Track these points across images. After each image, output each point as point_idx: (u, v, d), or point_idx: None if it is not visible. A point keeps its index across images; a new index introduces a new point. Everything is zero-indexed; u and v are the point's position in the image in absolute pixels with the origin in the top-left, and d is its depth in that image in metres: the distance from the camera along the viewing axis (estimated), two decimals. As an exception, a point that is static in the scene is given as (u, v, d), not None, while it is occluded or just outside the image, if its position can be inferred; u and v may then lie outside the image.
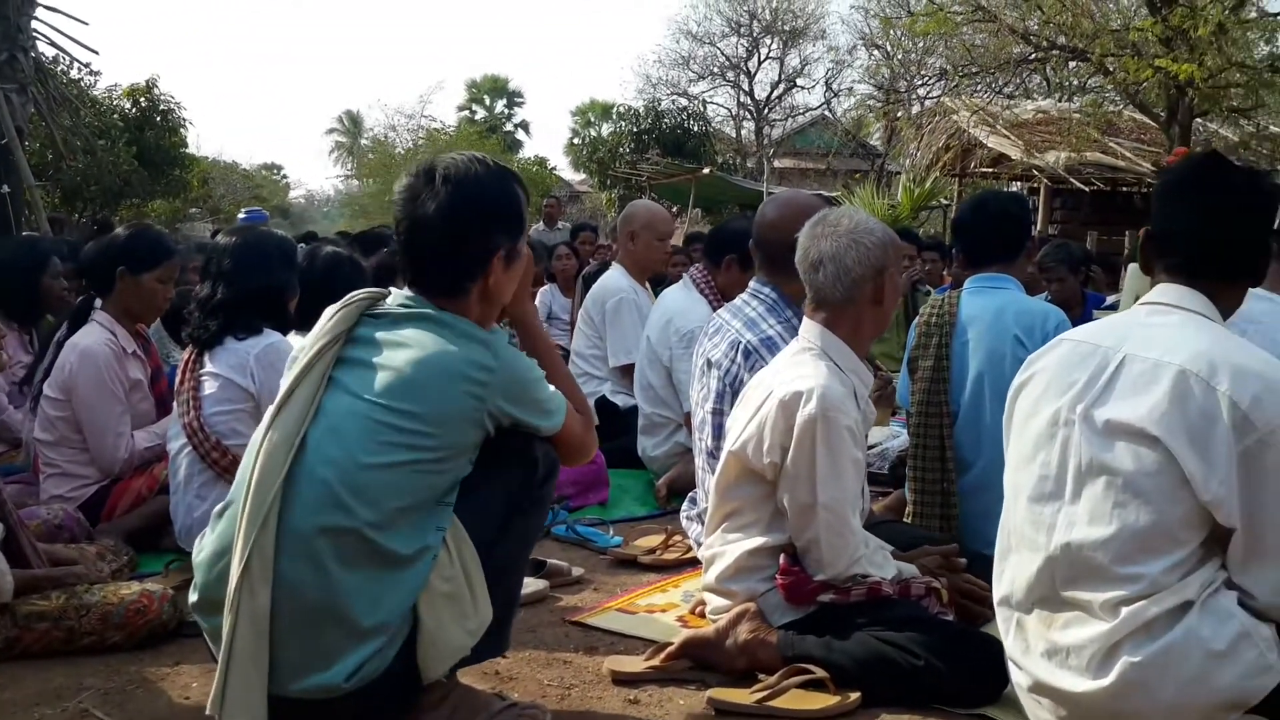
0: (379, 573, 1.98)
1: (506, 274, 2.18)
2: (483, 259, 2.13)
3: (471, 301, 2.15)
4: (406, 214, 2.14)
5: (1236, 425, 1.86)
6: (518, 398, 2.09)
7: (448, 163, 2.16)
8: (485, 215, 2.14)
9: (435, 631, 2.02)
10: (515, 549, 2.20)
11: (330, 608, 1.97)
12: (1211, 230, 2.05)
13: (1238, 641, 1.89)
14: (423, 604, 2.01)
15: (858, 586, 2.52)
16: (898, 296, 2.65)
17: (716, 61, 29.47)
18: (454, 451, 2.04)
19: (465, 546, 2.05)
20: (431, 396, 2.01)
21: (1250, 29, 14.09)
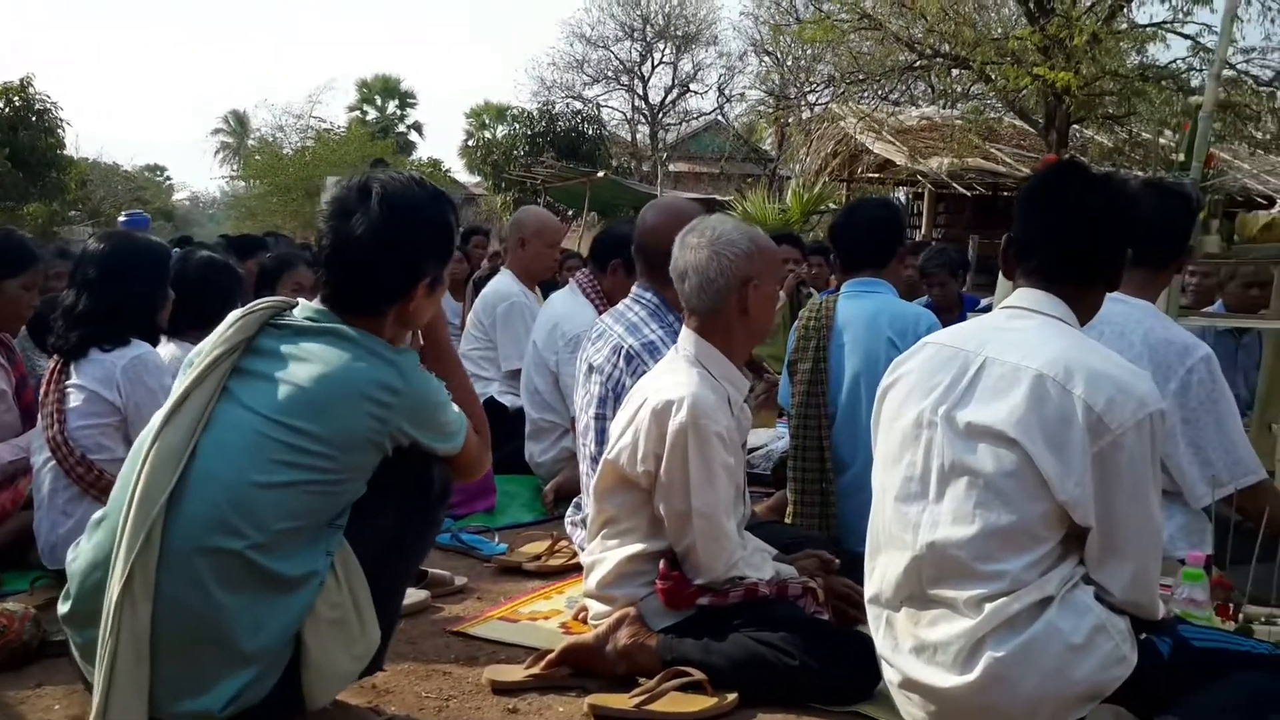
0: (262, 596, 1.91)
1: (428, 300, 2.12)
2: (407, 285, 2.07)
3: (386, 322, 2.08)
4: (333, 230, 2.05)
5: (1091, 428, 1.93)
6: (422, 421, 2.04)
7: (385, 181, 2.07)
8: (417, 242, 2.07)
9: (321, 660, 1.96)
10: (403, 570, 2.17)
11: (210, 630, 1.90)
12: (1069, 237, 2.12)
13: (1094, 635, 1.96)
14: (308, 631, 1.94)
15: (735, 588, 2.55)
16: (770, 306, 2.66)
17: (610, 65, 29.53)
18: (351, 474, 1.98)
19: (354, 572, 1.99)
20: (332, 416, 1.94)
21: (1122, 39, 14.65)
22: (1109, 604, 2.01)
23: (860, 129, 16.80)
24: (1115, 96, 14.30)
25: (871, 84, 16.23)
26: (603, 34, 29.21)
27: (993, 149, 16.38)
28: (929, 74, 16.48)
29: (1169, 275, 3.09)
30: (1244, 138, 16.08)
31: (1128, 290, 2.94)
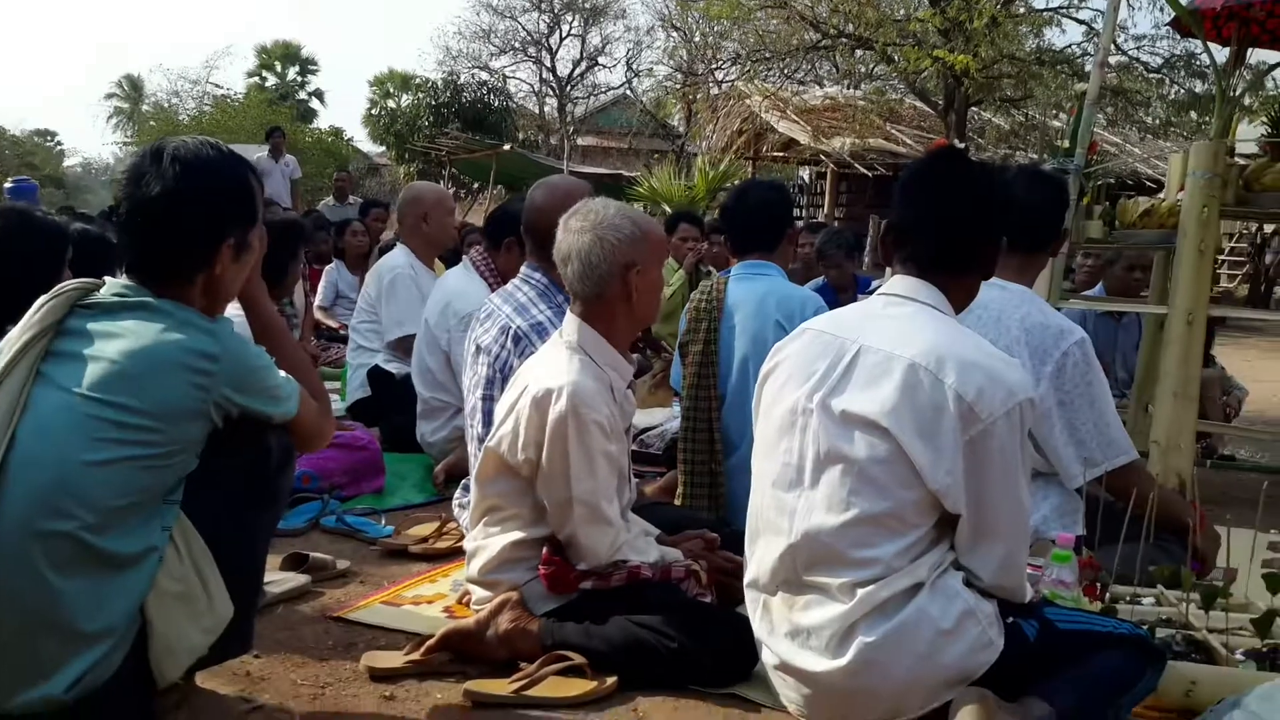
0: (100, 576, 1.86)
1: (235, 265, 2.07)
2: (208, 248, 2.02)
3: (195, 292, 2.03)
4: (128, 195, 2.01)
5: (962, 416, 1.95)
6: (245, 386, 1.99)
7: (177, 144, 2.03)
8: (214, 201, 2.02)
9: (167, 633, 1.92)
10: (252, 543, 2.10)
11: (46, 616, 1.84)
12: (944, 225, 2.14)
13: (963, 619, 1.99)
14: (152, 605, 1.90)
15: (618, 572, 2.54)
16: (654, 291, 2.63)
17: (518, 36, 29.22)
18: (178, 446, 1.93)
19: (195, 543, 1.95)
20: (150, 389, 1.89)
21: (1020, 23, 14.99)
22: (978, 589, 2.04)
23: (765, 108, 16.93)
24: (1012, 80, 14.65)
25: (777, 62, 16.35)
26: (510, 4, 28.91)
27: (894, 130, 16.66)
28: (833, 54, 16.68)
29: (1044, 260, 3.16)
30: (1135, 122, 16.62)
31: (1004, 275, 3.00)
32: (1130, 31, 18.06)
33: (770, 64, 16.48)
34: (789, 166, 21.47)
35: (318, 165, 22.77)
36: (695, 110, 20.44)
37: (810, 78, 20.41)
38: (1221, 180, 4.11)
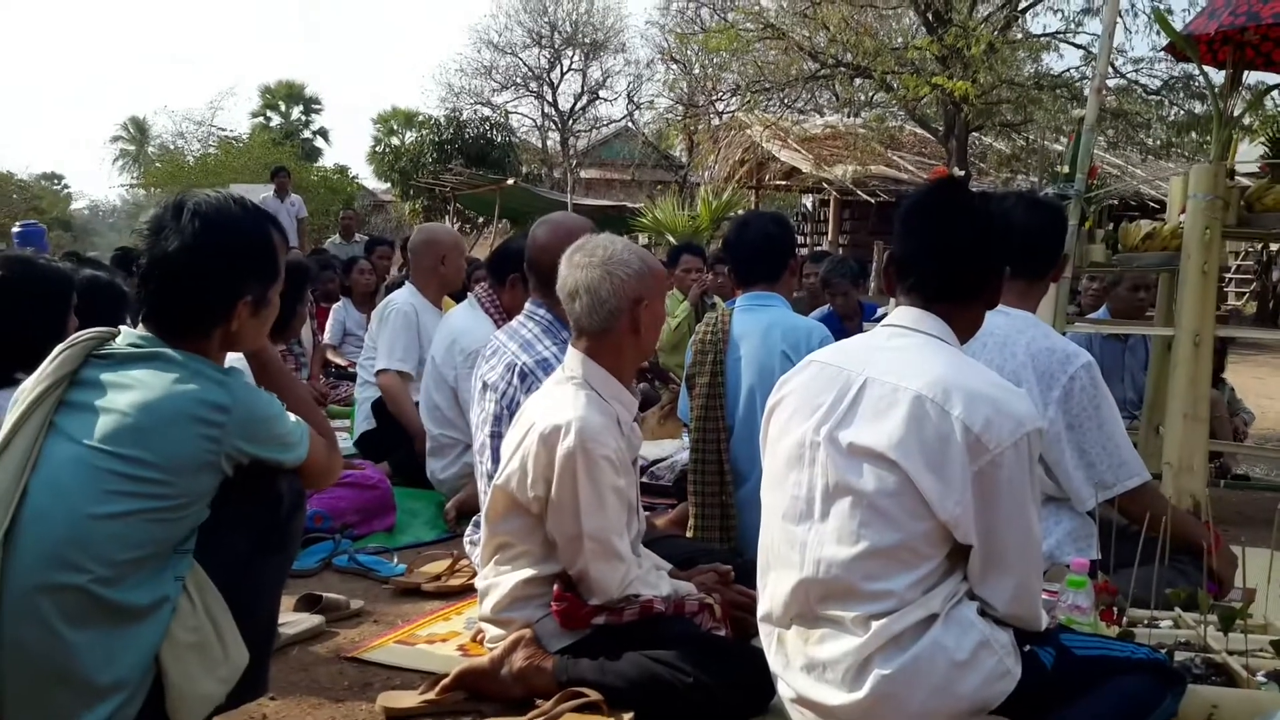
0: (112, 628, 1.86)
1: (254, 320, 2.09)
2: (226, 304, 2.03)
3: (212, 346, 2.05)
4: (148, 248, 2.03)
5: (970, 447, 1.95)
6: (256, 436, 2.00)
7: (199, 198, 2.05)
8: (234, 257, 2.04)
9: (183, 684, 1.92)
10: (266, 588, 2.11)
11: (60, 669, 1.84)
12: (946, 256, 2.14)
13: (978, 650, 1.98)
14: (167, 656, 1.90)
15: (630, 607, 2.53)
16: (657, 326, 2.65)
17: (519, 72, 29.43)
18: (190, 498, 1.93)
19: (209, 593, 1.95)
20: (162, 441, 1.90)
21: (1018, 49, 15.08)
22: (993, 618, 2.04)
23: (766, 137, 17.02)
24: (1011, 104, 14.70)
25: (777, 93, 16.45)
26: (511, 40, 29.15)
27: (895, 156, 16.73)
28: (832, 83, 16.77)
29: (1046, 285, 3.17)
30: (1136, 144, 16.67)
31: (1007, 301, 3.01)
32: (1129, 54, 18.18)
33: (770, 94, 16.58)
34: (792, 195, 21.54)
35: (323, 203, 22.91)
36: (697, 141, 20.55)
37: (810, 107, 20.51)
38: (1223, 202, 4.13)
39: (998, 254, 2.18)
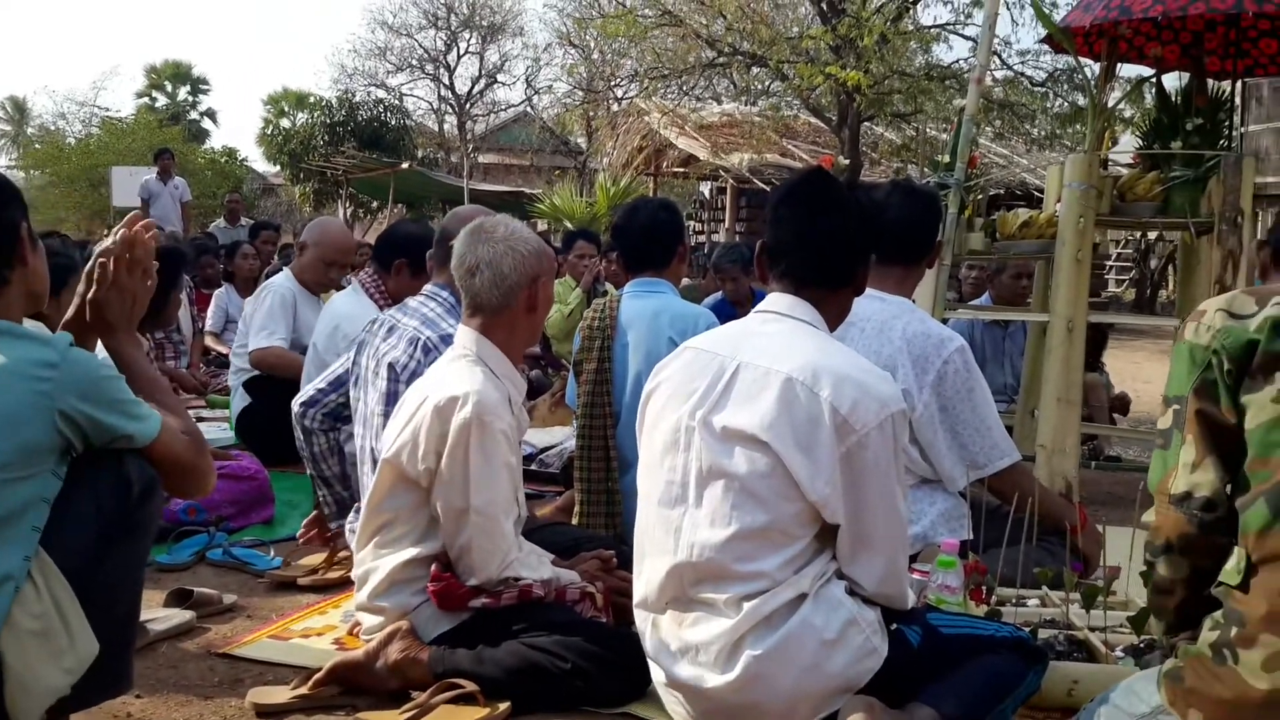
0: None
1: (35, 254, 2.02)
2: (8, 234, 1.96)
3: (13, 295, 1.97)
4: None
5: (838, 429, 1.98)
6: (91, 395, 1.91)
7: None
8: None
9: (23, 673, 1.83)
10: (119, 577, 2.01)
11: None
12: (814, 244, 2.18)
13: (846, 628, 2.02)
14: (7, 643, 1.81)
15: (509, 590, 2.52)
16: (549, 305, 2.68)
17: (415, 54, 28.92)
18: (27, 457, 1.85)
19: (54, 578, 1.87)
20: None
21: (909, 40, 15.34)
22: (861, 597, 2.07)
23: (664, 124, 17.02)
24: (903, 95, 14.93)
25: (675, 80, 16.48)
26: (406, 21, 28.59)
27: (790, 145, 16.90)
28: (730, 71, 16.87)
29: (922, 271, 3.24)
30: (1022, 134, 17.12)
31: (884, 287, 3.07)
32: (1015, 46, 18.62)
33: (668, 81, 16.60)
34: (689, 182, 21.65)
35: (211, 187, 22.23)
36: (595, 127, 20.48)
37: (709, 94, 20.62)
38: (1097, 191, 4.26)
39: (864, 243, 2.21)
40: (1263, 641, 1.65)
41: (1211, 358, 1.82)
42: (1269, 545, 1.68)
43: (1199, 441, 1.83)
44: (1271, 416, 1.73)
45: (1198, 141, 4.31)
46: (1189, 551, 1.85)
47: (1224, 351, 1.80)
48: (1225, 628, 1.71)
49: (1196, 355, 1.85)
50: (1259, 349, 1.77)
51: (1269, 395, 1.74)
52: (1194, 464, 1.84)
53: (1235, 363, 1.79)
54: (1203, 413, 1.83)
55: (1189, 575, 1.87)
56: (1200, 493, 1.82)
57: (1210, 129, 4.37)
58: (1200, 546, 1.83)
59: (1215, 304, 1.88)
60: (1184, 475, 1.85)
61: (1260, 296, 1.85)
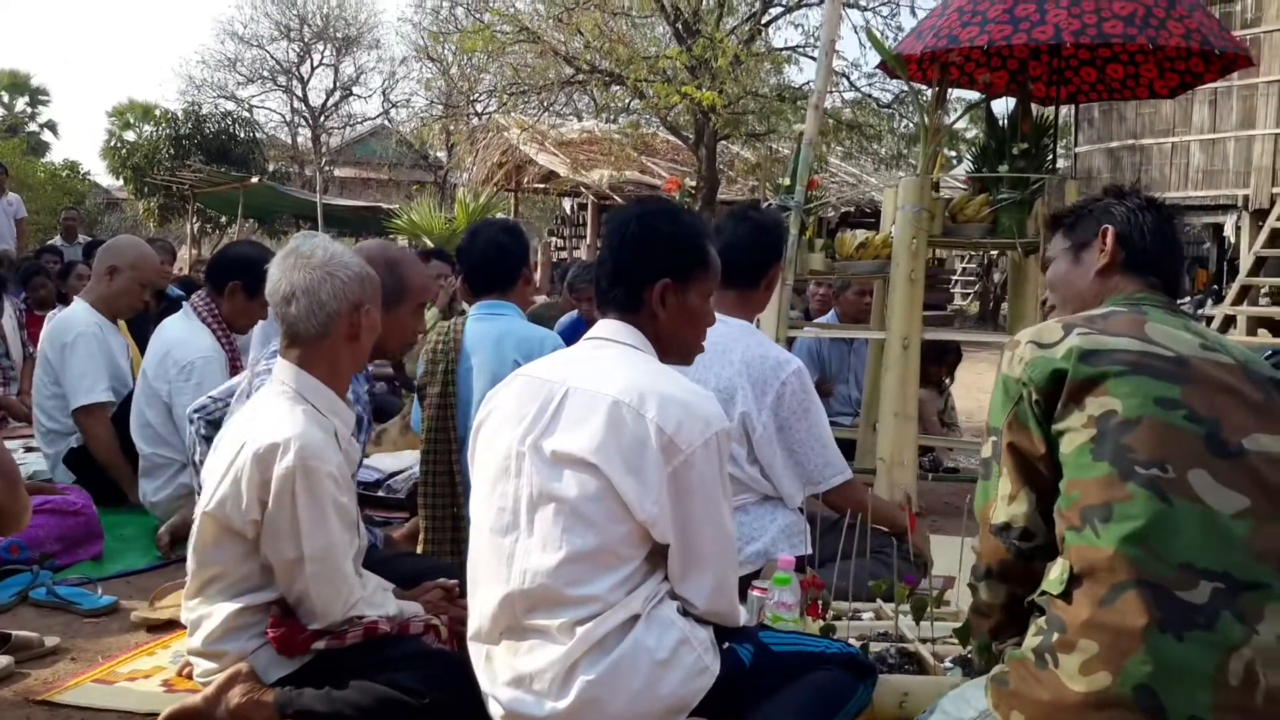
0: None
1: None
2: None
3: None
4: None
5: (664, 448, 2.00)
6: None
7: None
8: None
9: None
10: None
11: None
12: (639, 271, 2.20)
13: (678, 648, 2.03)
14: None
15: (353, 629, 2.45)
16: (375, 333, 2.58)
17: (267, 65, 28.20)
18: None
19: None
20: None
21: (762, 61, 15.70)
22: (693, 616, 2.09)
23: (524, 140, 17.01)
24: (756, 115, 15.26)
25: (534, 95, 16.47)
26: (257, 32, 27.89)
27: (650, 162, 17.08)
28: (589, 88, 16.96)
29: (761, 294, 3.31)
30: (870, 154, 17.71)
31: (724, 310, 3.13)
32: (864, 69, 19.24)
33: (528, 97, 16.58)
34: (551, 198, 21.66)
35: (51, 202, 21.17)
36: (455, 142, 20.29)
37: (569, 111, 20.67)
38: (929, 213, 4.43)
39: (674, 271, 2.22)
40: (1081, 647, 1.74)
41: (1022, 390, 1.93)
42: (1087, 558, 1.78)
43: (1014, 475, 1.95)
44: (1084, 440, 1.84)
45: (1024, 165, 4.53)
46: (1008, 578, 1.97)
47: (1033, 384, 1.91)
48: (1047, 633, 1.81)
49: (1010, 388, 1.96)
50: (1067, 378, 1.87)
51: (1080, 421, 1.85)
52: (1010, 496, 1.95)
53: (1044, 393, 1.90)
54: (1015, 446, 1.94)
55: (1006, 601, 1.99)
56: (1018, 524, 1.94)
57: (1035, 153, 4.60)
58: (1018, 574, 1.95)
59: (1027, 335, 2.00)
60: (1002, 507, 1.96)
61: (1066, 324, 1.97)
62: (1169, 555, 1.73)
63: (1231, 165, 13.48)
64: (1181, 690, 1.68)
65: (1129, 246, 2.15)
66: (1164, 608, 1.71)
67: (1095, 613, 1.74)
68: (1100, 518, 1.78)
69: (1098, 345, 1.89)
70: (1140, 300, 2.08)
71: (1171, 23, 4.39)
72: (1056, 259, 2.29)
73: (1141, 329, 1.94)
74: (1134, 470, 1.78)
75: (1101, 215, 2.20)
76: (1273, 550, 1.75)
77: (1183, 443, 1.80)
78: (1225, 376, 1.88)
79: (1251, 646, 1.69)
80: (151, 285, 4.49)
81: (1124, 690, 1.69)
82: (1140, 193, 2.24)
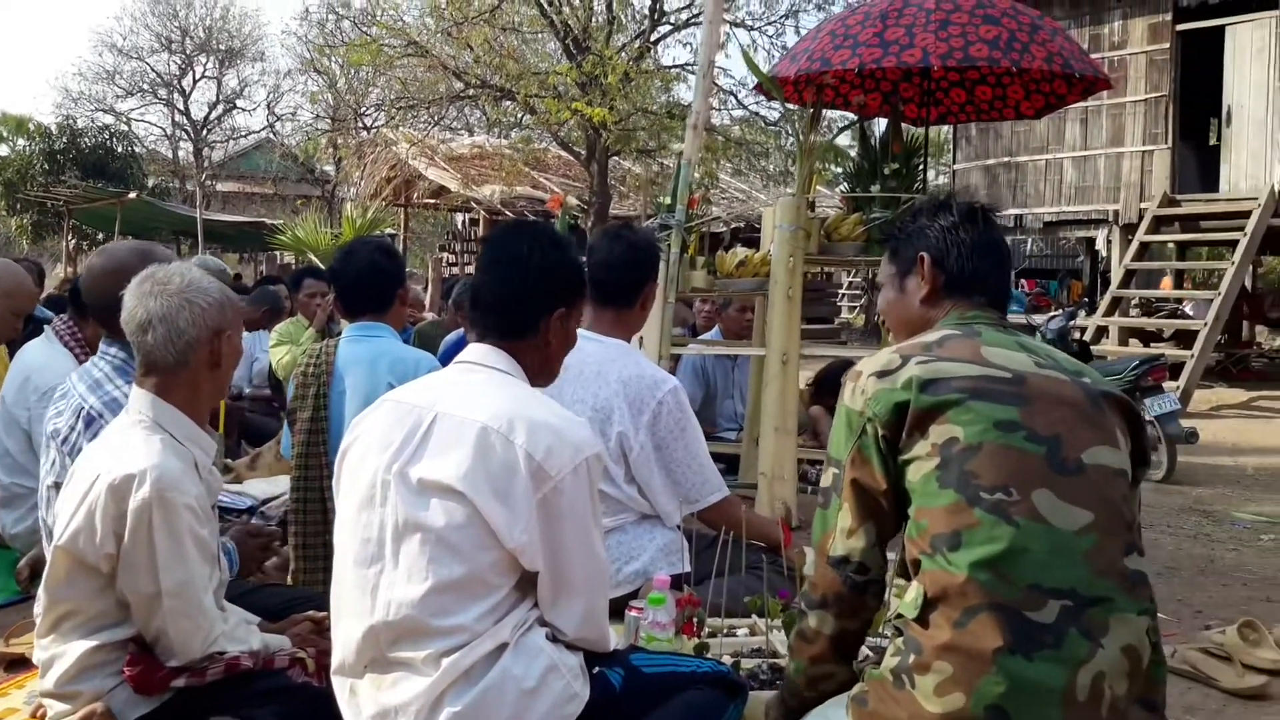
0: None
1: None
2: None
3: None
4: None
5: (534, 475, 1.99)
6: None
7: None
8: None
9: None
10: None
11: None
12: (509, 295, 2.19)
13: (547, 675, 2.01)
14: None
15: (214, 665, 2.38)
16: (237, 360, 2.52)
17: (147, 78, 27.37)
18: None
19: None
20: None
21: (652, 79, 15.83)
22: (563, 643, 2.08)
23: (413, 154, 16.84)
24: (647, 131, 15.38)
25: (423, 109, 16.33)
26: (137, 44, 27.08)
27: (541, 178, 17.07)
28: (480, 103, 16.89)
29: (638, 313, 3.31)
30: (759, 170, 17.99)
31: (601, 329, 3.14)
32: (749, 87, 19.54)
33: (417, 111, 16.43)
34: (441, 213, 21.47)
35: (-85, 220, 20.23)
36: (340, 156, 19.97)
37: (461, 125, 20.53)
38: (805, 232, 4.51)
39: (553, 297, 2.22)
40: (936, 668, 1.79)
41: (866, 424, 1.96)
42: (940, 583, 1.83)
43: (855, 509, 1.98)
44: (929, 469, 1.89)
45: (895, 184, 4.65)
46: (840, 611, 2.01)
47: (877, 419, 1.94)
48: (904, 655, 1.85)
49: (853, 420, 1.99)
50: (909, 408, 1.92)
51: (924, 449, 1.90)
52: (850, 530, 1.99)
53: (888, 426, 1.94)
54: (857, 482, 1.98)
55: (834, 633, 2.03)
56: (855, 558, 1.97)
57: (906, 173, 4.72)
58: (850, 607, 2.00)
59: (869, 366, 2.03)
60: (841, 540, 2.00)
61: (904, 353, 2.01)
62: (1017, 577, 1.79)
63: (1102, 181, 14.06)
64: (1032, 708, 1.74)
65: (947, 269, 2.16)
66: (1014, 629, 1.76)
67: (950, 636, 1.79)
68: (949, 545, 1.83)
69: (936, 374, 1.93)
70: (971, 320, 2.11)
71: (1035, 47, 4.57)
72: (885, 285, 2.33)
73: (978, 353, 1.98)
74: (979, 496, 1.84)
75: (917, 239, 2.21)
76: (1114, 564, 1.83)
77: (1025, 464, 1.86)
78: (1061, 391, 1.95)
79: (1097, 661, 1.76)
80: (25, 313, 4.28)
81: (976, 710, 1.75)
82: (956, 204, 2.22)
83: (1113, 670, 1.77)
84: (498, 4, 14.90)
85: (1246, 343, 15.65)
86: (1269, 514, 6.71)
